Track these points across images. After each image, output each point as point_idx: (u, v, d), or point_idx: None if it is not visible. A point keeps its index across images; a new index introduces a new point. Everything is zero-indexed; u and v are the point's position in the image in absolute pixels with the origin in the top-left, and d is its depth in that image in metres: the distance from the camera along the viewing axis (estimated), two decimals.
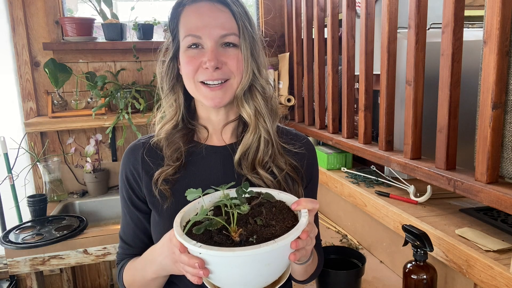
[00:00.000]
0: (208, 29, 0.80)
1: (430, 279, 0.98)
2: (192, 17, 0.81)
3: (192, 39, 0.81)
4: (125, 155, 0.92)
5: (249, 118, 0.87)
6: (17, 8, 2.04)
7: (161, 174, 0.86)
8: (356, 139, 1.52)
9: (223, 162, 0.89)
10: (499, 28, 0.86)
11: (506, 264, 0.87)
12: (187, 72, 0.83)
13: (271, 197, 0.75)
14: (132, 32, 2.22)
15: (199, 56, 0.81)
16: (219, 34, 0.80)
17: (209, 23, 0.80)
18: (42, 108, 2.17)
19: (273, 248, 0.60)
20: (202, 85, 0.83)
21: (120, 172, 0.93)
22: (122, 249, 0.95)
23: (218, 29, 0.80)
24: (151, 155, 0.89)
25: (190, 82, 0.84)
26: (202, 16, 0.80)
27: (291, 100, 2.23)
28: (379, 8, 1.29)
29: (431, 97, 1.16)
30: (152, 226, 0.91)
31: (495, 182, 0.92)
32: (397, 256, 1.30)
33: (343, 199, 1.58)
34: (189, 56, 0.82)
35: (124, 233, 0.94)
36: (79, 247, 1.67)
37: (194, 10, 0.81)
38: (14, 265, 1.62)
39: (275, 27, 2.45)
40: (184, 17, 0.82)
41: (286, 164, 0.89)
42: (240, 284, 0.65)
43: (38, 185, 2.20)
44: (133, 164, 0.90)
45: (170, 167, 0.86)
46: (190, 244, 0.61)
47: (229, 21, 0.81)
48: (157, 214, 0.88)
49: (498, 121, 0.90)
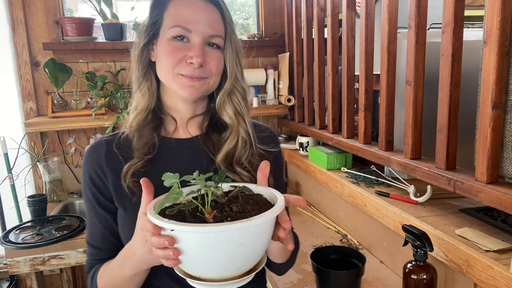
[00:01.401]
0: (199, 25, 0.81)
1: (430, 279, 0.98)
2: (185, 9, 0.81)
3: (180, 31, 0.81)
4: (87, 155, 0.89)
5: (230, 120, 0.89)
6: (17, 8, 2.04)
7: (130, 167, 0.84)
8: (356, 139, 1.52)
9: (191, 155, 0.89)
10: (499, 28, 0.86)
11: (506, 264, 0.87)
12: (167, 62, 0.82)
13: (249, 190, 0.72)
14: (132, 32, 2.22)
15: (184, 49, 0.81)
16: (208, 33, 0.82)
17: (200, 19, 0.81)
18: (42, 108, 2.18)
19: (248, 225, 0.57)
20: (181, 76, 0.83)
21: (83, 173, 0.89)
22: (91, 255, 0.91)
23: (209, 28, 0.82)
24: (119, 151, 0.87)
25: (167, 72, 0.83)
26: (195, 11, 0.81)
27: (291, 100, 2.23)
28: (379, 8, 1.29)
29: (431, 97, 1.16)
30: (120, 224, 0.88)
31: (495, 182, 0.92)
32: (397, 256, 1.30)
33: (343, 199, 1.58)
34: (174, 47, 0.81)
35: (92, 237, 0.91)
36: (79, 247, 1.67)
37: (187, 3, 0.81)
38: (14, 265, 1.62)
39: (275, 27, 2.45)
40: (174, 6, 0.82)
41: (256, 156, 0.90)
42: (212, 268, 0.62)
43: (38, 185, 2.20)
44: (96, 163, 0.87)
45: (140, 160, 0.84)
46: (161, 222, 0.59)
47: (219, 23, 0.84)
48: (124, 210, 0.86)
49: (498, 121, 0.90)
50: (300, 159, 1.99)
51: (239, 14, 4.22)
